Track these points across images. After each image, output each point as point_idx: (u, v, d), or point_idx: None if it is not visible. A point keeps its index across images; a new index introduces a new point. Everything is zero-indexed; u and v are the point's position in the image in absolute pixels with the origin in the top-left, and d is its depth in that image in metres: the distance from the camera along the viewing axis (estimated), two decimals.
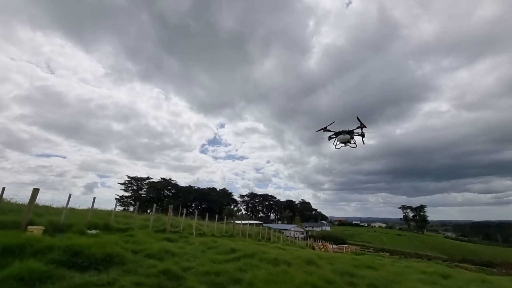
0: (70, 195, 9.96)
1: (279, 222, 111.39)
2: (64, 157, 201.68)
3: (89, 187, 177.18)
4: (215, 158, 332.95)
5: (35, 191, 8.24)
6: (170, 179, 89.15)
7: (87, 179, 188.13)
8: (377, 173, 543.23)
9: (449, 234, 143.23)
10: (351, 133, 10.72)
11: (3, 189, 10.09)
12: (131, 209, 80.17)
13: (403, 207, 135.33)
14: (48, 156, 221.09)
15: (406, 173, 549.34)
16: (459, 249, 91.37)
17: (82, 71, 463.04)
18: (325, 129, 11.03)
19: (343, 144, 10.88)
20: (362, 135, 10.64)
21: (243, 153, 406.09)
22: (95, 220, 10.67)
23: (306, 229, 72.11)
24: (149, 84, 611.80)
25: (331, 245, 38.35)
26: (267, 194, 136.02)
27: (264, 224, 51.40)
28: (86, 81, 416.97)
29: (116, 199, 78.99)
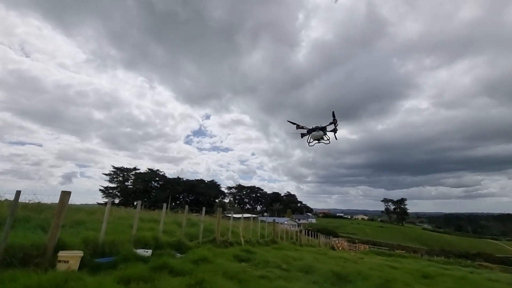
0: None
1: (266, 214, 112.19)
2: (40, 145, 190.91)
3: (68, 177, 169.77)
4: (200, 149, 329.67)
5: (66, 196, 5.71)
6: (157, 170, 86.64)
7: (65, 168, 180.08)
8: (358, 167, 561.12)
9: (426, 226, 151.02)
10: (324, 129, 10.50)
11: None
12: (117, 201, 77.45)
13: (385, 200, 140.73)
14: (22, 143, 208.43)
15: (385, 167, 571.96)
16: (436, 241, 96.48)
17: (60, 56, 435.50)
18: (297, 127, 10.79)
19: (317, 141, 10.64)
20: (335, 130, 10.45)
21: (228, 145, 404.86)
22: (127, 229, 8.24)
23: (299, 222, 73.06)
24: (133, 72, 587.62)
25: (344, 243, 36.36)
26: (254, 186, 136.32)
27: (258, 218, 51.13)
28: (65, 66, 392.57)
29: (100, 190, 75.88)
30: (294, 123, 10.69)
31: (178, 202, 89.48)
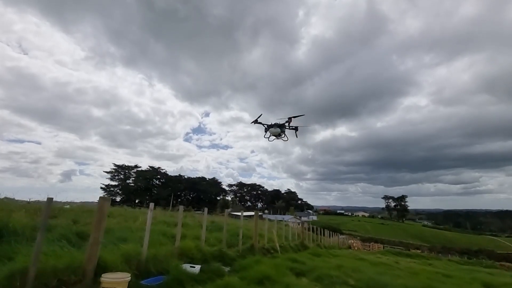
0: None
1: (266, 211, 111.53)
2: (39, 143, 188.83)
3: (67, 175, 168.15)
4: (199, 147, 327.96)
5: (105, 203, 4.66)
6: (159, 167, 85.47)
7: (64, 166, 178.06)
8: (357, 164, 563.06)
9: (425, 222, 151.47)
10: (281, 126, 11.00)
11: None
12: (118, 199, 76.18)
13: (386, 197, 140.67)
14: (21, 141, 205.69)
15: (385, 164, 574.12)
16: (437, 238, 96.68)
17: (59, 53, 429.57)
18: (255, 122, 11.18)
19: (275, 137, 11.20)
20: (296, 129, 10.99)
21: (228, 142, 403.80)
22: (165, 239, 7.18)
23: (302, 219, 72.34)
24: (132, 70, 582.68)
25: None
26: (254, 184, 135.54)
27: (263, 216, 50.30)
28: (64, 63, 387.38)
29: (101, 188, 74.59)
30: (255, 120, 11.23)
31: (179, 200, 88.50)
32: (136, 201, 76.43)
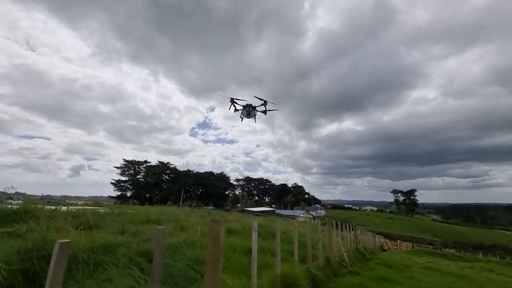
0: None
1: (274, 206, 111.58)
2: (48, 139, 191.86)
3: (76, 170, 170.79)
4: (205, 141, 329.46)
5: (217, 226, 2.94)
6: (168, 163, 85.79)
7: (73, 161, 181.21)
8: (364, 158, 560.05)
9: (435, 217, 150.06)
10: (254, 108, 12.28)
11: None
12: (128, 194, 76.89)
13: (394, 191, 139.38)
14: (31, 137, 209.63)
15: (391, 158, 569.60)
16: (448, 232, 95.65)
17: (65, 50, 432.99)
18: (232, 100, 12.13)
19: (247, 117, 12.61)
20: (264, 112, 12.37)
21: (233, 137, 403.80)
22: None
23: (315, 215, 71.98)
24: (138, 65, 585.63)
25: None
26: (262, 178, 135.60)
27: (276, 211, 50.07)
28: (70, 60, 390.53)
29: (112, 183, 75.26)
30: (231, 98, 12.35)
31: (188, 195, 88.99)
32: (147, 195, 77.18)
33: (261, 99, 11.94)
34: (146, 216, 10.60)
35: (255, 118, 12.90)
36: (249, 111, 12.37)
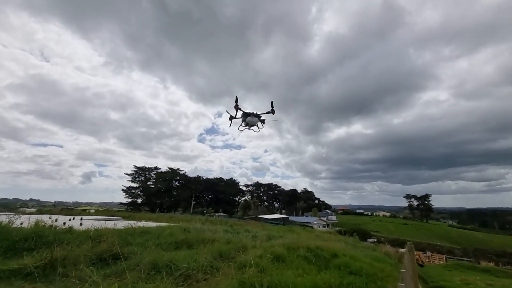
0: None
1: (283, 211, 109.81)
2: (61, 146, 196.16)
3: (87, 177, 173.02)
4: (213, 147, 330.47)
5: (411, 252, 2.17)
6: (178, 169, 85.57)
7: (84, 168, 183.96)
8: (374, 162, 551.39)
9: (451, 222, 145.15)
10: (259, 117, 10.67)
11: None
12: (139, 200, 76.85)
13: (408, 196, 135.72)
14: (44, 145, 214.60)
15: (402, 162, 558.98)
16: (467, 238, 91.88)
17: (78, 59, 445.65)
18: (236, 106, 10.45)
19: (248, 128, 10.75)
20: (263, 121, 10.75)
21: (241, 142, 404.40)
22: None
23: (327, 221, 70.21)
24: (148, 73, 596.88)
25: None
26: (271, 184, 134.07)
27: (290, 218, 48.65)
28: (82, 69, 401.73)
29: (122, 190, 75.39)
30: (237, 106, 10.38)
31: (198, 201, 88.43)
32: (157, 202, 76.85)
33: (258, 115, 10.60)
34: (170, 234, 9.81)
35: (257, 126, 11.20)
36: (253, 120, 10.85)
